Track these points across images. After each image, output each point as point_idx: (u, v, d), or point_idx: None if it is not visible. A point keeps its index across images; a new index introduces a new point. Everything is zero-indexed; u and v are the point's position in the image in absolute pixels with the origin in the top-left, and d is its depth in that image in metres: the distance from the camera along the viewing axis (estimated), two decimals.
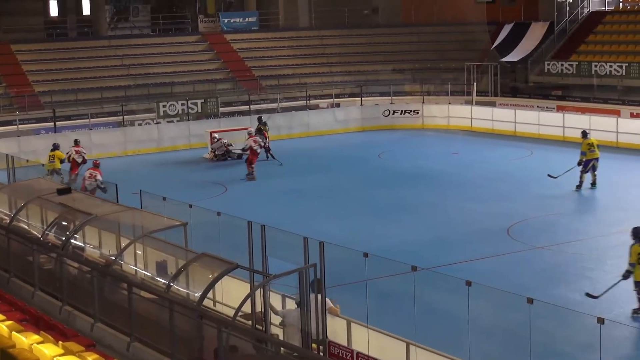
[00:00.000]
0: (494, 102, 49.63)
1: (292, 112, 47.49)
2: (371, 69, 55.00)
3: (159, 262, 16.80)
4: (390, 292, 19.37)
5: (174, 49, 53.93)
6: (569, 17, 53.49)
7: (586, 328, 16.62)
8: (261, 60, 54.80)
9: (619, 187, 31.89)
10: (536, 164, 36.84)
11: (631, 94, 45.73)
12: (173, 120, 44.77)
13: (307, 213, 28.94)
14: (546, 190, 31.37)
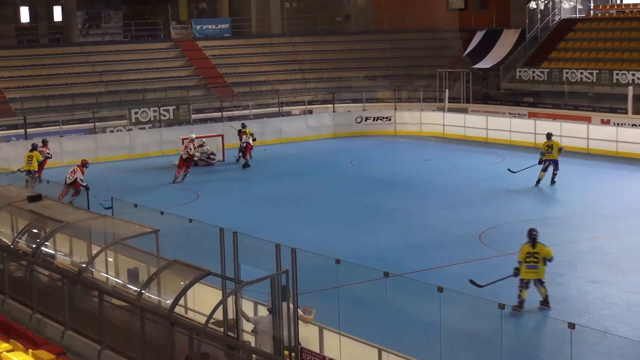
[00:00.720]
0: (466, 108, 49.82)
1: (264, 118, 47.46)
2: (344, 76, 55.09)
3: (131, 270, 16.73)
4: (362, 299, 19.37)
5: (145, 56, 53.78)
6: (540, 25, 53.77)
7: (557, 333, 16.70)
8: (233, 67, 54.75)
9: (590, 193, 32.07)
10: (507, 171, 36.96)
11: (602, 101, 46.02)
12: (145, 127, 44.66)
13: (279, 219, 28.90)
14: (517, 197, 31.53)
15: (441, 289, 13.72)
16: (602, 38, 50.83)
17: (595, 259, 23.55)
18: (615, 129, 40.13)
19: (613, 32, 50.69)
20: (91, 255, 17.69)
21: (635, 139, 38.67)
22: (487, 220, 27.77)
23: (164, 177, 37.17)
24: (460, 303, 16.33)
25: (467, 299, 16.23)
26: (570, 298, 20.62)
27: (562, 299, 20.48)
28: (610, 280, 21.64)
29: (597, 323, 18.42)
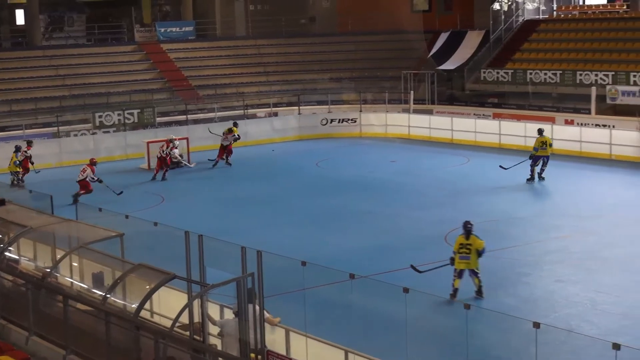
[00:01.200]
0: (431, 110, 49.96)
1: (229, 121, 47.27)
2: (309, 78, 55.07)
3: (95, 274, 16.63)
4: (328, 301, 19.35)
5: (109, 59, 53.44)
6: (504, 26, 54.05)
7: (522, 333, 16.75)
8: (198, 70, 54.59)
9: (555, 193, 32.26)
10: (473, 171, 37.14)
11: (565, 101, 46.31)
12: (109, 131, 44.43)
13: (246, 222, 28.82)
14: (483, 197, 31.64)
15: (407, 289, 13.74)
16: (566, 39, 51.17)
17: (560, 259, 23.68)
18: (579, 129, 40.40)
19: (576, 33, 51.04)
20: (55, 259, 17.56)
21: (599, 139, 38.95)
22: (453, 221, 27.72)
23: (129, 180, 36.98)
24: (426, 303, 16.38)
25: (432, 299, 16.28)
26: (536, 298, 20.72)
27: (528, 298, 20.59)
28: (575, 280, 21.76)
29: (563, 322, 18.51)
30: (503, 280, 22.17)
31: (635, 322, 18.83)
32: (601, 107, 44.26)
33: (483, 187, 33.48)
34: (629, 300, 20.29)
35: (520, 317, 16.94)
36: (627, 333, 17.92)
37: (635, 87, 43.14)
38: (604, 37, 49.13)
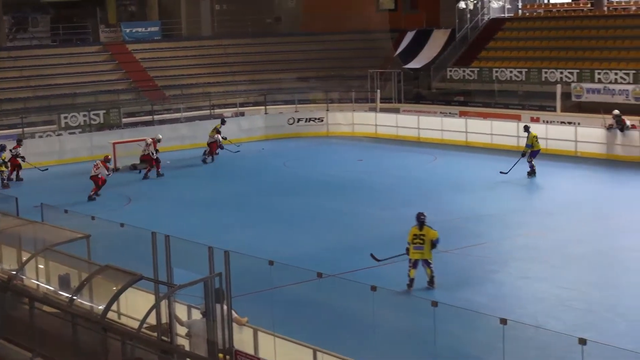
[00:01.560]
0: (398, 108, 50.06)
1: (196, 121, 47.20)
2: (275, 78, 54.99)
3: (62, 276, 16.52)
4: (296, 300, 19.34)
5: (74, 60, 53.10)
6: (469, 25, 54.24)
7: (490, 329, 16.82)
8: (164, 70, 54.37)
9: (522, 190, 32.41)
10: (440, 169, 37.28)
11: (531, 99, 46.53)
12: (75, 132, 44.18)
13: (214, 222, 28.74)
14: (450, 195, 31.74)
15: (374, 288, 13.74)
16: (531, 37, 51.44)
17: (527, 256, 23.81)
18: (545, 127, 40.60)
19: (541, 31, 51.32)
20: (21, 262, 17.42)
21: (564, 136, 39.21)
22: None
23: None
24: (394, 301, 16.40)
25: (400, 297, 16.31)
26: (504, 294, 20.82)
27: (496, 295, 20.68)
28: (542, 276, 21.89)
29: (530, 318, 18.60)
30: (471, 277, 22.27)
31: (601, 317, 18.97)
32: (566, 104, 44.53)
33: (450, 185, 33.59)
34: (594, 296, 20.44)
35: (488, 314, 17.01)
36: (593, 328, 18.06)
37: (600, 84, 43.44)
38: (568, 35, 49.43)
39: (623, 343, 16.82)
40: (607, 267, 22.68)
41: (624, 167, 35.62)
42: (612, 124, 37.38)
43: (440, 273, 22.42)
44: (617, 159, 37.00)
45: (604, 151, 37.73)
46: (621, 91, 42.30)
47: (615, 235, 25.80)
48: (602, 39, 47.54)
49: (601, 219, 27.67)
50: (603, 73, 43.79)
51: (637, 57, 44.52)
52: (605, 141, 37.78)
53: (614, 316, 18.96)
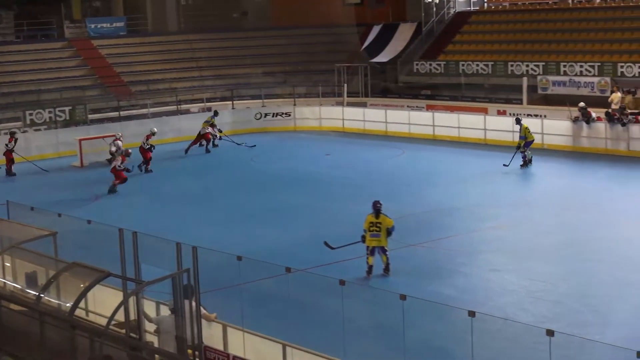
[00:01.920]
0: (365, 102, 50.11)
1: (163, 117, 46.97)
2: (242, 73, 54.86)
3: (29, 274, 16.41)
4: (265, 295, 19.32)
5: (39, 56, 52.75)
6: (435, 18, 54.42)
7: (459, 322, 16.87)
8: (130, 66, 54.10)
9: (489, 183, 32.50)
10: (408, 163, 37.35)
11: (497, 92, 46.76)
12: (40, 129, 43.89)
13: (181, 219, 28.62)
14: (420, 189, 31.82)
15: (343, 282, 13.75)
16: (497, 30, 51.65)
17: (496, 248, 23.90)
18: (511, 120, 40.71)
19: (507, 25, 51.55)
20: None
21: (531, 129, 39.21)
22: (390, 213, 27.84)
23: (62, 179, 36.57)
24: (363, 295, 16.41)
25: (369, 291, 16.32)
26: (473, 287, 20.88)
27: (465, 288, 20.74)
28: (510, 269, 21.98)
29: (499, 310, 18.67)
30: (440, 270, 22.32)
31: (568, 309, 19.07)
32: (533, 97, 44.80)
33: (418, 178, 33.68)
34: (562, 287, 20.55)
35: (457, 307, 17.06)
36: (561, 319, 18.16)
37: (566, 77, 43.71)
38: (534, 29, 49.68)
39: (591, 334, 16.99)
40: (575, 258, 22.80)
41: (590, 158, 35.84)
42: (577, 116, 37.59)
43: (409, 266, 22.53)
44: (583, 150, 37.22)
45: (570, 143, 37.93)
46: (586, 83, 42.57)
47: (582, 226, 25.96)
48: (568, 31, 47.83)
49: (568, 211, 27.82)
50: (569, 66, 44.07)
51: (602, 50, 44.83)
52: (572, 133, 37.98)
53: (582, 307, 19.08)
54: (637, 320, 18.17)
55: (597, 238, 24.65)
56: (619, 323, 18.08)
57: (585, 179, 32.87)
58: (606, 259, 22.53)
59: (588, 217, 26.98)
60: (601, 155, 36.12)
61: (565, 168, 35.29)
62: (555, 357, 12.19)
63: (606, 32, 46.17)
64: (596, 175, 33.13)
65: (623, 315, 18.54)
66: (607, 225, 26.04)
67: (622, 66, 42.15)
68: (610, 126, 36.59)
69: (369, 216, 21.88)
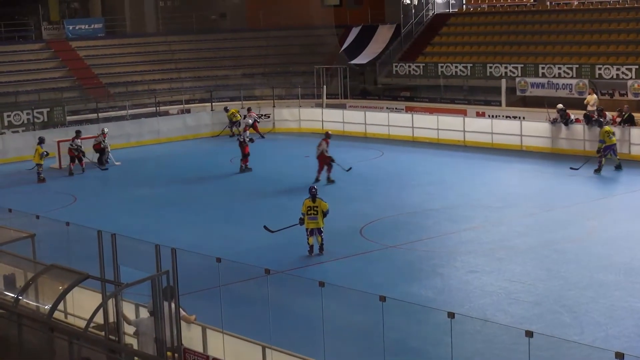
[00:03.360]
0: (344, 104, 50.21)
1: (141, 119, 46.91)
2: (221, 74, 54.87)
3: (7, 276, 16.33)
4: (244, 297, 19.31)
5: (17, 57, 52.56)
6: (414, 20, 54.55)
7: (438, 323, 16.92)
8: (108, 67, 53.99)
9: (467, 184, 32.59)
10: (387, 165, 37.40)
11: (476, 94, 46.93)
12: (18, 130, 43.73)
13: (160, 221, 28.55)
14: (397, 190, 31.87)
15: (322, 283, 13.75)
16: (475, 32, 51.82)
17: (474, 249, 23.96)
18: (490, 121, 40.92)
19: (485, 27, 51.74)
20: None
21: (510, 131, 39.52)
22: (368, 215, 28.00)
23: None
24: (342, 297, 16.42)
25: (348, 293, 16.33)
26: (451, 288, 20.93)
27: (443, 289, 20.79)
28: (488, 270, 22.03)
29: (478, 312, 18.74)
30: (418, 272, 22.37)
31: (547, 310, 19.14)
32: (511, 99, 44.99)
33: (397, 180, 33.73)
34: (540, 289, 20.62)
35: (436, 308, 17.13)
36: (540, 321, 18.22)
37: (544, 79, 43.90)
38: (512, 30, 49.90)
39: (569, 335, 17.06)
40: (553, 259, 22.88)
41: (568, 160, 35.93)
42: (556, 118, 37.75)
43: (387, 268, 22.61)
44: (562, 152, 37.37)
45: (548, 145, 38.10)
46: (565, 85, 42.77)
47: (559, 227, 26.04)
48: (546, 33, 48.05)
49: (546, 212, 27.93)
50: (547, 67, 44.28)
51: (580, 52, 45.04)
52: (550, 135, 38.14)
53: (560, 308, 19.15)
54: (614, 321, 18.25)
55: (574, 239, 24.78)
56: (596, 324, 18.17)
57: (562, 180, 32.98)
58: (583, 260, 22.63)
59: (565, 218, 27.09)
60: (579, 157, 36.23)
61: (542, 169, 35.38)
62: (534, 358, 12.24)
63: (584, 34, 46.41)
64: (574, 177, 33.24)
65: (600, 315, 18.62)
66: (584, 227, 26.18)
67: (599, 68, 42.36)
68: (589, 128, 36.75)
69: (307, 201, 23.86)
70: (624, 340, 16.96)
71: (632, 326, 18.01)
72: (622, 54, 43.23)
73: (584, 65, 43.13)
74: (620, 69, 41.59)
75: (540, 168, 35.58)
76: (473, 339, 17.12)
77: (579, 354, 16.25)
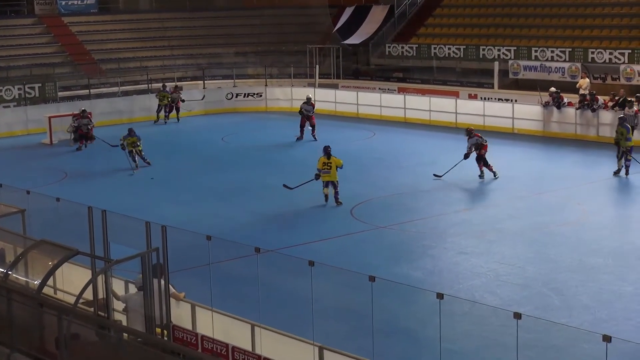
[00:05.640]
0: (337, 84, 50.15)
1: (133, 96, 46.83)
2: (213, 52, 54.71)
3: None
4: (234, 275, 19.34)
5: (8, 32, 52.29)
6: (408, 1, 54.37)
7: (427, 304, 16.97)
8: (101, 44, 53.78)
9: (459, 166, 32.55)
10: (379, 145, 37.38)
11: (469, 76, 46.91)
12: (9, 105, 43.61)
13: (150, 198, 28.53)
14: (388, 171, 31.88)
15: (312, 263, 13.75)
16: (469, 14, 51.72)
17: (464, 231, 24.01)
18: (482, 104, 40.89)
19: (479, 9, 51.61)
20: None
21: (501, 113, 39.51)
22: (359, 195, 28.01)
23: (31, 156, 36.34)
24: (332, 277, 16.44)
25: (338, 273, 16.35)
26: (441, 270, 20.98)
27: (433, 270, 20.85)
28: (478, 252, 22.08)
29: (467, 293, 18.79)
30: (408, 253, 22.42)
31: (536, 292, 19.20)
32: (504, 81, 44.99)
33: (388, 161, 33.73)
34: (529, 271, 20.68)
35: (425, 289, 17.16)
36: (528, 303, 18.28)
37: (537, 62, 43.88)
38: (506, 13, 49.80)
39: (557, 317, 17.12)
40: (543, 242, 22.94)
41: (559, 143, 36.03)
42: (548, 101, 37.75)
43: (377, 248, 22.63)
44: (553, 135, 37.40)
45: (540, 128, 38.12)
46: (557, 69, 42.76)
47: (550, 211, 26.11)
48: (539, 16, 47.95)
49: (536, 195, 27.97)
50: (540, 50, 44.25)
51: (573, 36, 45.00)
52: (542, 118, 38.16)
53: (549, 291, 19.21)
54: (602, 304, 18.32)
55: (564, 222, 24.85)
56: (585, 307, 18.24)
57: (553, 164, 33.04)
58: (572, 243, 22.70)
59: (555, 201, 27.15)
60: (570, 140, 36.31)
61: (534, 152, 35.45)
62: (522, 340, 12.28)
63: (577, 18, 46.33)
64: (564, 160, 33.31)
65: (589, 299, 18.70)
66: (574, 210, 26.24)
67: (592, 52, 42.34)
68: (580, 112, 36.76)
69: (322, 158, 27.14)
70: (612, 324, 17.03)
71: (620, 310, 18.09)
72: (615, 38, 43.20)
73: (577, 49, 43.10)
74: (613, 53, 41.57)
75: (532, 151, 35.63)
76: (462, 320, 17.18)
77: (567, 336, 16.32)
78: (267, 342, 14.37)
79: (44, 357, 12.44)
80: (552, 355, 15.84)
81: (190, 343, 14.85)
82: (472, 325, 17.20)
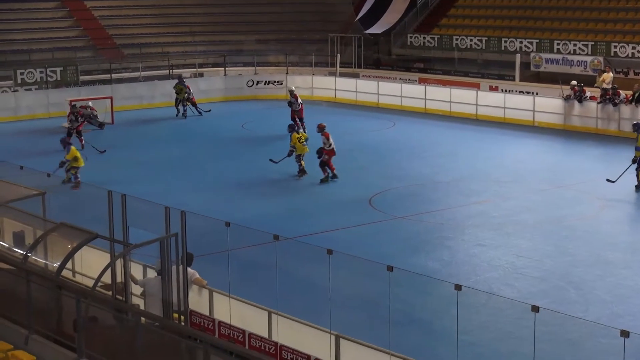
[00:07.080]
0: (358, 73, 50.08)
1: (154, 81, 46.88)
2: (235, 39, 54.67)
3: (16, 233, 16.42)
4: (252, 262, 19.37)
5: (32, 15, 52.43)
6: None
7: (444, 295, 16.97)
8: (123, 29, 53.85)
9: (478, 158, 32.53)
10: (398, 136, 37.34)
11: (490, 68, 46.74)
12: (31, 88, 43.75)
13: (170, 184, 28.54)
14: (407, 161, 31.84)
15: (330, 251, 13.76)
16: (491, 5, 51.53)
17: (481, 223, 23.97)
18: (503, 96, 40.78)
19: (502, 0, 51.40)
20: None
21: (522, 106, 39.38)
22: (377, 185, 28.01)
23: (51, 139, 36.41)
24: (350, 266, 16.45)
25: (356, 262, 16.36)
26: (458, 261, 20.97)
27: (450, 262, 20.84)
28: (496, 244, 22.05)
29: (484, 285, 18.78)
30: (426, 243, 22.40)
31: (554, 285, 19.18)
32: (525, 74, 44.80)
33: (408, 151, 33.69)
34: (547, 264, 20.65)
35: (442, 280, 17.16)
36: (546, 296, 18.26)
37: (559, 55, 43.71)
38: (529, 5, 49.60)
39: (574, 311, 17.08)
40: (561, 235, 22.90)
41: (580, 137, 35.91)
42: (569, 95, 37.60)
43: (394, 238, 22.65)
44: (574, 129, 37.26)
45: (561, 121, 37.98)
46: (579, 62, 42.60)
47: (568, 204, 26.05)
48: (562, 9, 47.75)
49: (555, 189, 27.89)
50: (562, 43, 44.07)
51: (596, 29, 44.80)
52: (563, 112, 38.01)
53: (566, 284, 19.19)
54: (620, 299, 18.28)
55: (583, 216, 24.79)
56: (602, 301, 18.20)
57: (573, 157, 32.95)
58: (590, 238, 22.66)
59: (574, 195, 27.08)
60: (591, 134, 36.18)
61: (554, 145, 35.36)
62: (539, 333, 12.26)
63: (601, 11, 46.11)
64: (584, 154, 33.20)
65: (606, 293, 18.65)
66: (593, 205, 26.16)
67: (615, 46, 42.14)
68: (602, 106, 36.60)
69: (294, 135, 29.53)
70: (629, 319, 16.99)
71: (638, 305, 18.06)
72: (639, 32, 42.96)
73: (600, 43, 42.92)
74: (636, 48, 41.36)
75: (552, 144, 35.54)
76: (479, 311, 17.18)
77: (584, 331, 16.30)
78: (284, 330, 14.41)
79: (61, 339, 12.50)
80: (568, 349, 15.83)
81: (207, 329, 14.91)
82: (489, 317, 17.21)
